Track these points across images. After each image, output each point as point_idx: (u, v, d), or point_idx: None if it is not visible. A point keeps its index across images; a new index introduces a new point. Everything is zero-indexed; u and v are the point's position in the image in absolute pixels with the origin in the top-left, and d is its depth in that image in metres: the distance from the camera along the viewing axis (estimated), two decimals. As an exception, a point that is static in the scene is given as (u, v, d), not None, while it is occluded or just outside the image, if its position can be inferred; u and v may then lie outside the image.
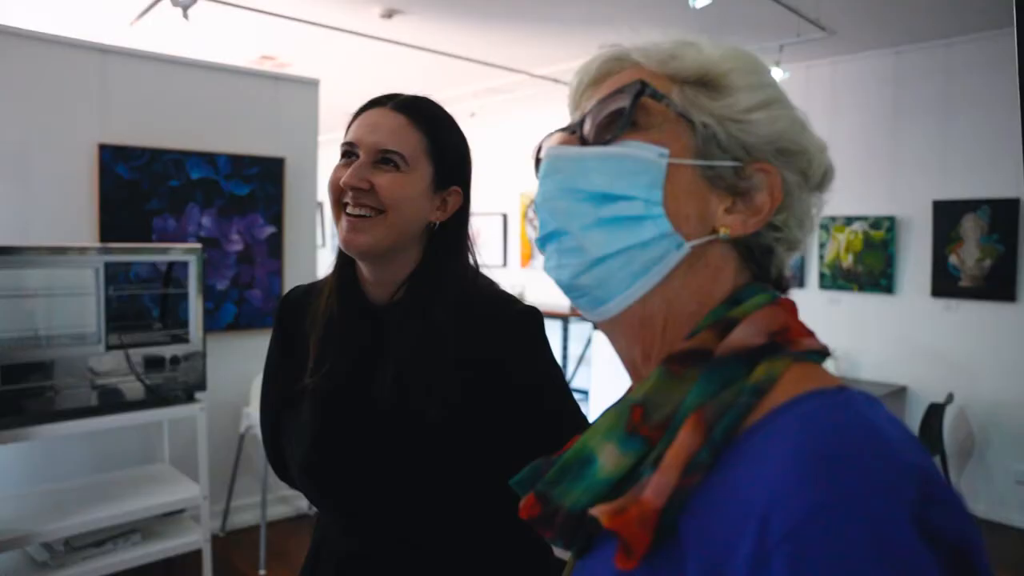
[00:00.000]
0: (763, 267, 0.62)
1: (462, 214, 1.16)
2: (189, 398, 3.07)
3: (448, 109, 1.19)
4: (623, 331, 0.63)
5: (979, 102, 4.55)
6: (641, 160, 0.58)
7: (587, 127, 0.62)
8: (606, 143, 0.60)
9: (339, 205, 1.08)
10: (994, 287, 4.53)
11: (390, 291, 1.12)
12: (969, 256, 4.65)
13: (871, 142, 5.08)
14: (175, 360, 3.02)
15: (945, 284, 4.75)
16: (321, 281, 1.20)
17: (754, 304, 0.57)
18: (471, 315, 1.09)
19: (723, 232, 0.58)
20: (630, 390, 0.61)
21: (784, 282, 0.65)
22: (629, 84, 0.60)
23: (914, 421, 4.69)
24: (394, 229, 1.06)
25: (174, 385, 3.01)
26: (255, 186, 3.96)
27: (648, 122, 0.59)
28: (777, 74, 4.73)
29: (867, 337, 5.11)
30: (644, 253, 0.58)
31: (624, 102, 0.59)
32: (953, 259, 4.72)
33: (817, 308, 5.32)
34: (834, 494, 0.42)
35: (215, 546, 3.57)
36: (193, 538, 3.03)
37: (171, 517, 3.18)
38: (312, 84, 4.26)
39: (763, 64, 0.63)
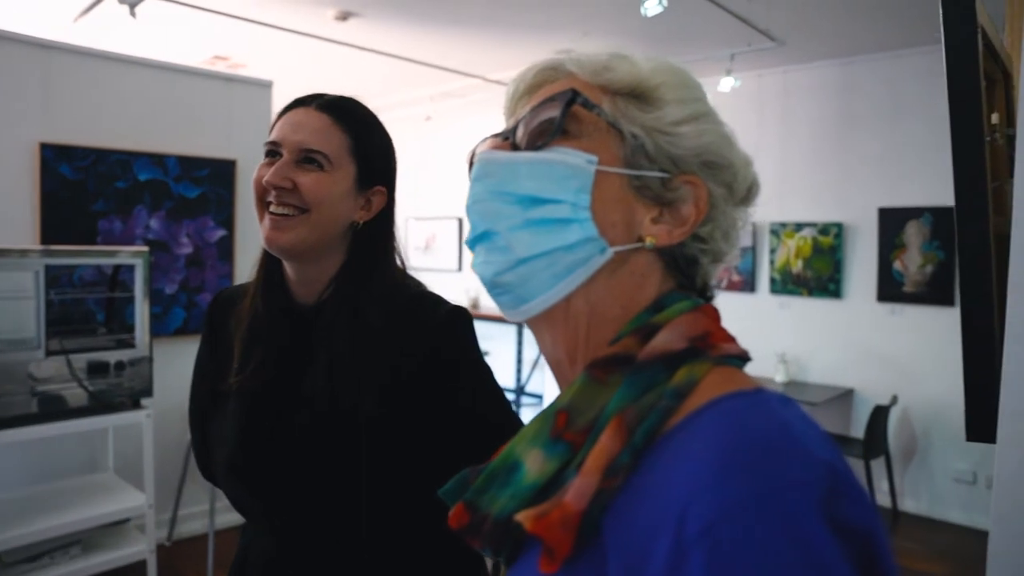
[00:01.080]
0: (688, 276, 0.64)
1: (387, 214, 1.18)
2: (135, 404, 2.99)
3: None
4: (547, 331, 0.64)
5: (923, 113, 4.70)
6: (570, 166, 0.59)
7: (520, 133, 0.63)
8: (537, 149, 0.61)
9: (262, 204, 1.08)
10: (935, 292, 4.68)
11: (315, 291, 1.13)
12: (912, 262, 4.79)
13: (821, 150, 5.21)
14: (120, 366, 2.95)
15: (890, 289, 4.88)
16: (249, 282, 1.20)
17: (676, 310, 0.59)
18: (399, 314, 1.10)
19: (649, 241, 0.60)
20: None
21: (708, 291, 0.66)
22: (561, 92, 0.61)
23: (860, 423, 4.81)
24: (317, 228, 1.07)
25: (119, 391, 2.94)
26: (206, 188, 3.88)
27: (579, 130, 0.61)
28: (728, 83, 4.82)
29: (816, 341, 5.22)
30: (568, 255, 0.59)
31: (556, 110, 0.61)
32: (897, 265, 4.85)
33: (768, 312, 5.42)
34: (748, 490, 0.43)
35: (161, 556, 3.48)
36: (138, 548, 2.95)
37: (115, 528, 3.09)
38: (265, 86, 4.20)
39: (694, 80, 0.65)
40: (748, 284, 5.52)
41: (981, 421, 1.29)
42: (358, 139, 1.12)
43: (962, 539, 4.37)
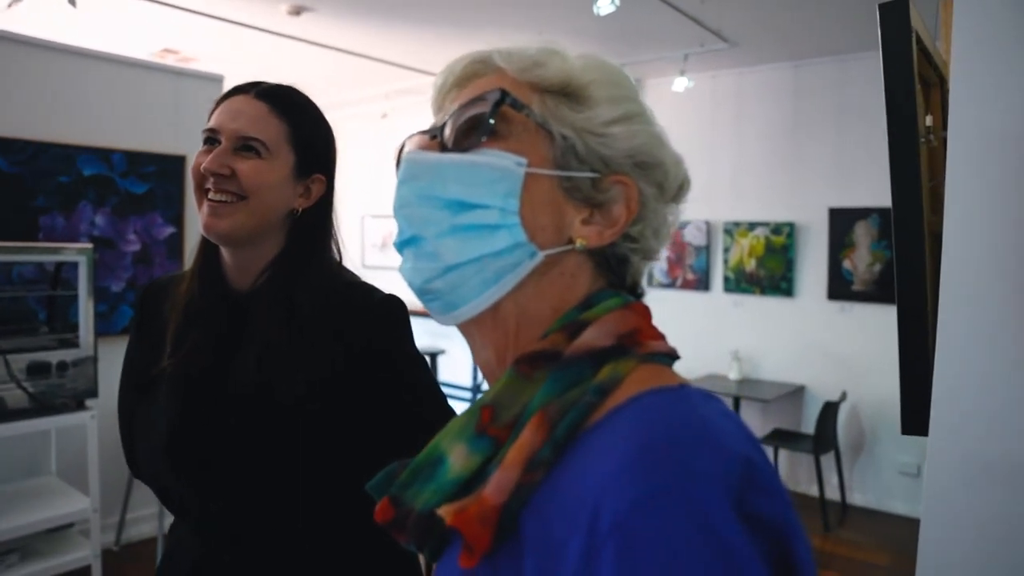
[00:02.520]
0: (618, 275, 0.64)
1: (326, 202, 1.19)
2: (79, 406, 2.91)
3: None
4: (477, 333, 0.63)
5: (870, 116, 4.81)
6: (498, 169, 0.58)
7: (447, 133, 0.62)
8: (465, 150, 0.60)
9: (201, 191, 1.09)
10: (883, 291, 4.80)
11: (252, 277, 1.13)
12: (861, 261, 4.90)
13: (773, 151, 5.30)
14: (63, 366, 2.86)
15: (840, 288, 4.99)
16: (187, 269, 1.20)
17: (605, 307, 0.59)
18: (334, 301, 1.11)
19: (579, 243, 0.59)
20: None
21: (639, 289, 0.66)
22: (490, 92, 0.60)
23: (811, 419, 4.92)
24: (255, 215, 1.08)
25: (61, 392, 2.85)
26: (154, 184, 3.79)
27: (508, 131, 0.60)
28: (682, 82, 4.88)
29: (768, 339, 5.31)
30: (498, 261, 0.59)
31: (484, 109, 0.59)
32: (847, 264, 4.96)
33: (722, 311, 5.50)
34: (659, 483, 0.44)
35: (109, 561, 3.40)
36: (81, 554, 2.87)
37: (57, 533, 3.00)
38: (216, 80, 4.12)
39: (626, 78, 0.64)
40: (702, 283, 5.59)
41: (916, 415, 1.32)
42: (296, 127, 1.12)
43: (907, 529, 4.48)
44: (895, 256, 1.33)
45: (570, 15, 4.22)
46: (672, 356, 0.59)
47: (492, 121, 0.59)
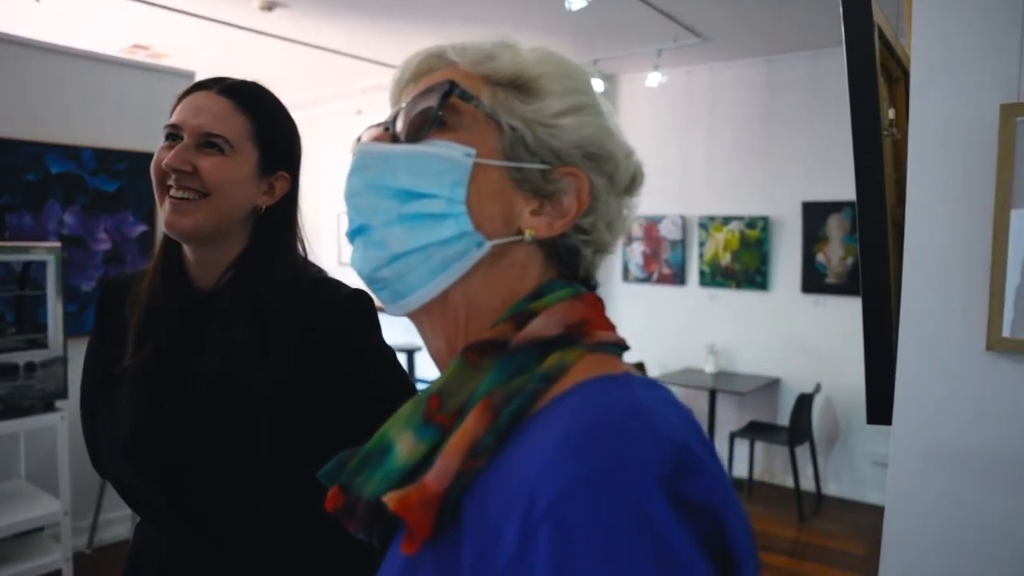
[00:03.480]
0: (570, 267, 0.64)
1: (291, 200, 1.18)
2: (48, 407, 2.87)
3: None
4: (427, 323, 0.64)
5: (842, 110, 4.81)
6: (447, 159, 0.59)
7: (399, 125, 0.62)
8: (415, 141, 0.60)
9: (163, 188, 1.07)
10: (856, 283, 4.83)
11: (216, 275, 1.12)
12: (834, 254, 4.96)
13: (747, 145, 5.34)
14: (31, 367, 2.82)
15: (813, 281, 5.05)
16: (148, 266, 1.19)
17: (555, 298, 0.59)
18: (300, 298, 1.11)
19: (528, 234, 0.60)
20: None
21: (592, 281, 0.66)
22: (439, 83, 0.61)
23: (786, 411, 4.97)
24: (218, 212, 1.07)
25: (30, 394, 2.81)
26: (124, 182, 3.74)
27: (457, 122, 0.60)
28: (655, 77, 4.90)
29: (744, 332, 5.36)
30: (444, 250, 0.59)
31: (433, 101, 0.60)
32: (820, 257, 5.02)
33: (697, 305, 5.54)
34: (592, 467, 0.45)
35: (82, 564, 3.36)
36: (52, 558, 2.83)
37: (27, 537, 2.96)
38: (187, 77, 4.07)
39: (580, 72, 0.65)
40: (678, 277, 5.62)
41: (880, 405, 1.34)
42: (260, 124, 1.11)
43: (881, 519, 4.51)
44: (859, 249, 1.35)
45: (544, 10, 4.22)
46: (621, 346, 0.60)
47: (441, 112, 0.60)
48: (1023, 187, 1.11)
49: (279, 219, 1.16)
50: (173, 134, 1.08)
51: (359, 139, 0.67)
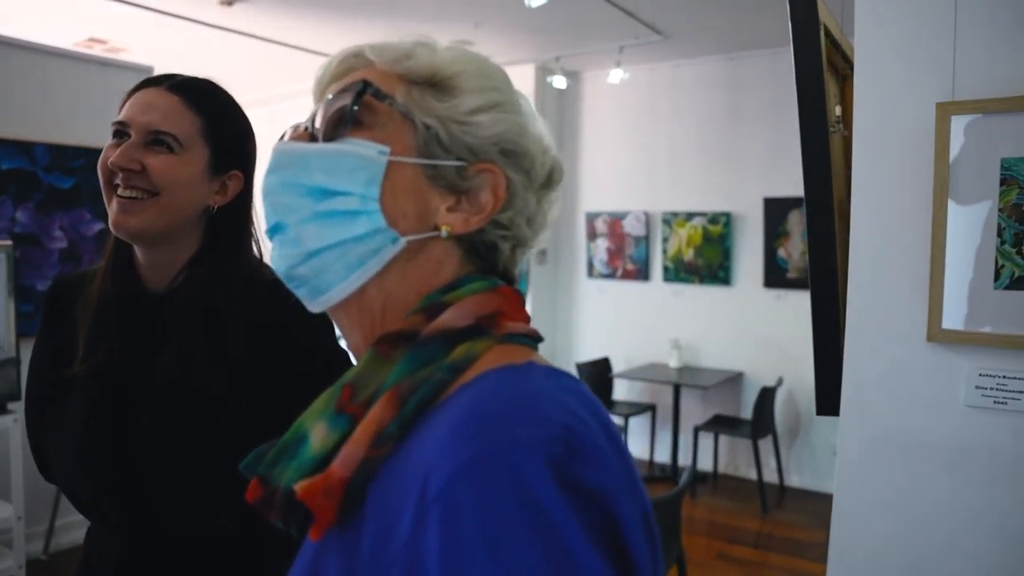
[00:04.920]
0: (488, 262, 0.65)
1: (244, 199, 1.15)
2: (0, 409, 2.81)
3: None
4: (344, 318, 0.65)
5: (801, 107, 4.92)
6: (361, 157, 0.60)
7: (317, 124, 0.63)
8: (331, 140, 0.61)
9: (110, 187, 1.05)
10: (816, 278, 4.93)
11: (168, 276, 1.10)
12: (795, 249, 5.04)
13: (710, 142, 5.40)
14: (-18, 369, 2.76)
15: (775, 276, 5.13)
16: (98, 266, 1.15)
17: (469, 290, 0.60)
18: (254, 300, 1.09)
19: (444, 230, 0.61)
20: None
21: (510, 276, 0.67)
22: (353, 83, 0.62)
23: (750, 404, 5.04)
24: (167, 212, 1.04)
25: (-19, 396, 2.75)
26: (80, 179, 3.67)
27: (372, 121, 0.61)
28: (617, 74, 4.93)
29: (707, 327, 5.43)
30: (359, 247, 0.60)
31: (347, 100, 0.61)
32: (781, 252, 5.10)
33: (661, 300, 5.60)
34: (481, 451, 0.46)
35: (36, 571, 3.30)
36: (4, 565, 2.77)
37: (-20, 542, 2.90)
38: (145, 72, 4.00)
39: (496, 70, 0.66)
40: (642, 273, 5.67)
41: (828, 396, 1.37)
42: (211, 121, 1.09)
43: (841, 510, 4.65)
44: (808, 244, 1.37)
45: (505, 8, 4.22)
46: (532, 337, 0.61)
47: (355, 111, 0.61)
48: (961, 183, 1.14)
49: (232, 219, 1.13)
50: (121, 131, 1.05)
51: (281, 138, 0.68)
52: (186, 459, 1.03)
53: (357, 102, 0.61)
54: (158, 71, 3.87)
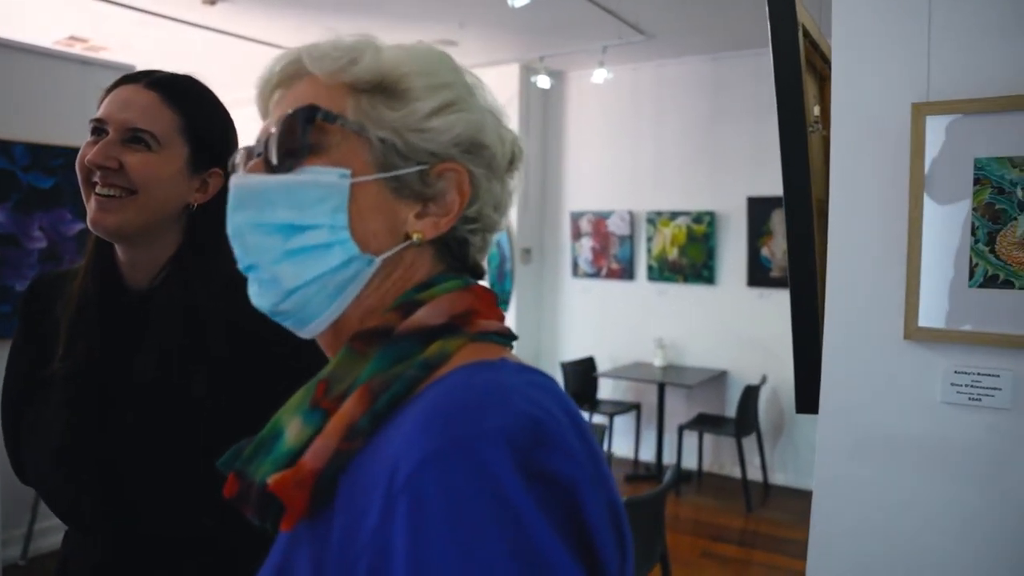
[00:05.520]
0: (459, 257, 0.65)
1: (225, 196, 1.14)
2: (-21, 412, 2.77)
3: None
4: (322, 337, 0.65)
5: (784, 107, 4.96)
6: (322, 185, 0.59)
7: (270, 152, 0.61)
8: (289, 170, 0.60)
9: (88, 185, 1.04)
10: (799, 277, 4.97)
11: (149, 274, 1.09)
12: (778, 248, 5.07)
13: (694, 142, 5.42)
14: (-40, 371, 2.72)
15: (759, 274, 5.16)
16: (78, 265, 1.14)
17: (442, 289, 0.61)
18: (236, 299, 1.08)
19: (416, 238, 0.61)
20: None
21: (480, 270, 0.68)
22: (301, 108, 0.60)
23: (734, 403, 5.06)
24: (146, 210, 1.03)
25: (-41, 398, 2.71)
26: (60, 179, 3.63)
27: (326, 143, 0.60)
28: (601, 74, 4.94)
29: (691, 326, 5.45)
30: (337, 276, 0.60)
31: (298, 129, 0.59)
32: (765, 251, 5.13)
33: (646, 299, 5.61)
34: (447, 441, 0.47)
35: None
36: (-16, 567, 2.74)
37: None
38: (126, 71, 3.94)
39: (443, 63, 0.64)
40: (627, 272, 5.68)
41: (808, 394, 1.38)
42: (190, 119, 1.08)
43: (824, 507, 4.68)
44: (787, 243, 1.38)
45: (489, 7, 4.22)
46: (505, 335, 0.62)
47: (306, 138, 0.59)
48: (936, 182, 1.15)
49: (213, 217, 1.11)
50: (98, 128, 1.04)
51: (233, 163, 0.67)
52: (167, 457, 1.03)
53: (307, 129, 0.59)
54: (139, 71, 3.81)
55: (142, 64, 4.39)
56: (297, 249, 0.59)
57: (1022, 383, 1.11)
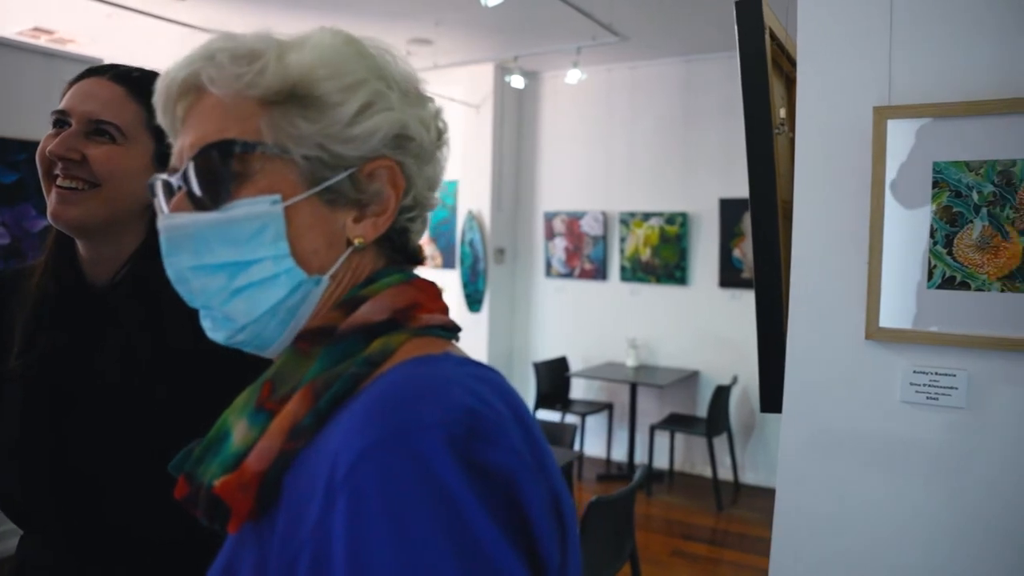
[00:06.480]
0: (400, 246, 0.65)
1: None
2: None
3: None
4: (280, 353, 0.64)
5: (756, 110, 5.01)
6: (257, 217, 0.57)
7: (192, 187, 0.59)
8: (217, 206, 0.58)
9: (49, 177, 1.02)
10: (769, 278, 5.02)
11: (110, 270, 1.07)
12: (750, 249, 5.07)
13: (667, 143, 5.46)
14: (-82, 369, 2.66)
15: (730, 276, 5.20)
16: (37, 260, 1.12)
17: (385, 284, 0.60)
18: None
19: (357, 242, 0.60)
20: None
21: (420, 254, 0.67)
22: (215, 144, 0.57)
23: (705, 402, 5.10)
24: (109, 204, 1.01)
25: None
26: (24, 173, 3.56)
27: (250, 170, 0.57)
28: (575, 74, 4.95)
29: (664, 326, 5.48)
30: (288, 302, 0.59)
31: (216, 165, 0.57)
32: (737, 252, 5.17)
33: (619, 300, 5.64)
34: (384, 434, 0.48)
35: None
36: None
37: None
38: (94, 64, 3.90)
39: (352, 55, 0.60)
40: (600, 272, 5.71)
41: (772, 393, 1.39)
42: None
43: (792, 506, 4.73)
44: (753, 244, 1.39)
45: (464, 6, 4.21)
46: (449, 328, 0.62)
47: (228, 171, 0.57)
48: (898, 185, 1.17)
49: None
50: (61, 120, 1.02)
51: (152, 190, 0.64)
52: (127, 455, 1.01)
53: (228, 163, 0.57)
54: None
55: (110, 59, 4.31)
56: (244, 286, 0.58)
57: (977, 383, 1.13)
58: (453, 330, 0.62)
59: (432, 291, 0.63)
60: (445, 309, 0.63)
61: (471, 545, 0.45)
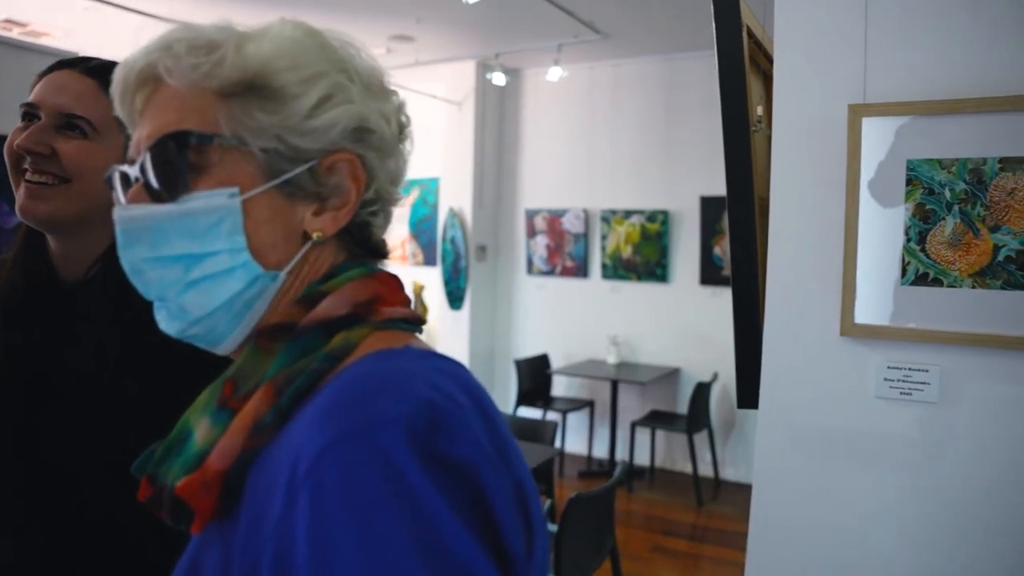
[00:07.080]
0: (362, 240, 0.64)
1: None
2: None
3: None
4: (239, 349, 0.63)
5: (736, 108, 5.04)
6: (214, 210, 0.56)
7: (149, 178, 0.58)
8: (174, 198, 0.57)
9: (18, 172, 1.00)
10: (749, 275, 5.06)
11: (83, 266, 1.06)
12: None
13: (648, 141, 5.47)
14: None
15: (711, 273, 5.23)
16: (5, 256, 1.10)
17: (345, 278, 0.60)
18: None
19: (316, 236, 0.59)
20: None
21: (384, 248, 0.67)
22: (171, 135, 0.57)
23: (686, 399, 5.13)
24: (80, 200, 1.00)
25: None
26: (-3, 169, 3.51)
27: (207, 162, 0.57)
28: (556, 72, 4.96)
29: (645, 324, 5.50)
30: (243, 296, 0.58)
31: (173, 157, 0.56)
32: (717, 250, 5.20)
33: (600, 297, 5.65)
34: (345, 429, 0.47)
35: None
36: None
37: None
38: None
39: (312, 46, 0.60)
40: (581, 270, 5.72)
41: (748, 389, 1.40)
42: None
43: (772, 501, 4.77)
44: (730, 241, 1.40)
45: (444, 3, 4.20)
46: (411, 321, 0.61)
47: (186, 163, 0.56)
48: (872, 183, 1.18)
49: None
50: (30, 113, 1.00)
51: (109, 182, 0.63)
52: (101, 452, 1.00)
53: (184, 155, 0.56)
54: (81, 58, 3.67)
55: (86, 52, 4.25)
56: (200, 278, 0.58)
57: (949, 378, 1.15)
58: (416, 323, 0.61)
59: (394, 284, 0.63)
60: (407, 302, 0.62)
61: (434, 539, 0.45)
